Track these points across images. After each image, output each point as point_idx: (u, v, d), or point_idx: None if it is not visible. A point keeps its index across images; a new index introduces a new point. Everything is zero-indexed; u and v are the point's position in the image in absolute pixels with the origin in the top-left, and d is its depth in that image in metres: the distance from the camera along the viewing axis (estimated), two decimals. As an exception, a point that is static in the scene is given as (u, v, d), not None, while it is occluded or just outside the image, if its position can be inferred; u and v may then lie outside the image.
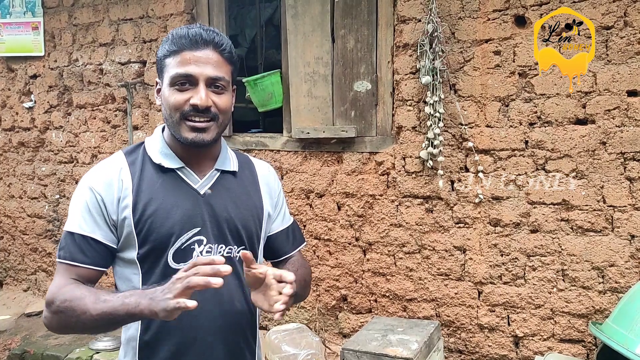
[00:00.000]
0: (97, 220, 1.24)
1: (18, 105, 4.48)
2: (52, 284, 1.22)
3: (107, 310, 1.10)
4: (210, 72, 1.23)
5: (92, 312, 1.11)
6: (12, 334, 3.96)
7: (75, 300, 1.14)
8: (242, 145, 3.61)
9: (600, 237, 2.65)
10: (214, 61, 1.24)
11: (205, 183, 1.32)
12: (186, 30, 1.24)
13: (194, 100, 1.22)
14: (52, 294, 1.20)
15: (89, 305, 1.12)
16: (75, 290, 1.16)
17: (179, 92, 1.23)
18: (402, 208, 3.10)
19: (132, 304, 1.07)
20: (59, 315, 1.17)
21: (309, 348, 3.02)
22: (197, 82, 1.23)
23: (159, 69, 1.29)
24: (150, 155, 1.30)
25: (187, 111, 1.23)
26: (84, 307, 1.12)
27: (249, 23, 5.15)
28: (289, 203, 3.46)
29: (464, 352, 3.03)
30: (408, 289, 3.13)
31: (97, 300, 1.12)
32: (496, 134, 2.83)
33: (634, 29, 2.51)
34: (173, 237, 1.25)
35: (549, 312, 2.78)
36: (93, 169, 1.31)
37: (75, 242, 1.24)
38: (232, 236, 1.33)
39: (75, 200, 1.28)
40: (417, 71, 2.96)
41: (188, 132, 1.24)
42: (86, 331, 1.25)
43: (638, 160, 2.55)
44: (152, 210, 1.24)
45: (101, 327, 1.17)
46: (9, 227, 4.69)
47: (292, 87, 3.41)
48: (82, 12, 4.08)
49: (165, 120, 1.29)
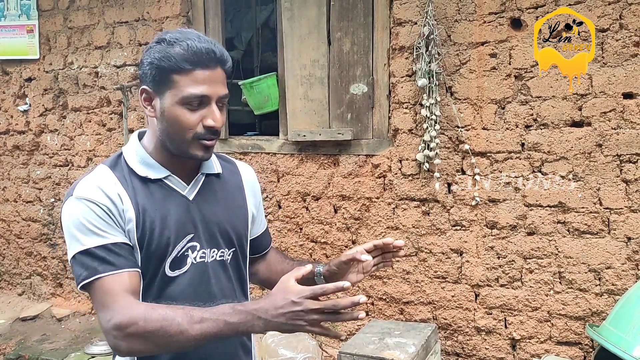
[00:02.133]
0: (114, 226, 1.18)
1: (13, 108, 4.45)
2: (113, 306, 1.12)
3: (210, 331, 1.08)
4: (220, 91, 1.21)
5: (192, 332, 1.08)
6: (6, 338, 3.94)
7: (164, 321, 1.08)
8: (238, 148, 3.60)
9: (596, 240, 2.65)
10: (222, 79, 1.22)
11: (192, 188, 1.30)
12: (198, 46, 1.18)
13: (209, 123, 1.19)
14: (125, 316, 1.10)
15: (185, 325, 1.08)
16: (157, 309, 1.11)
17: (190, 112, 1.20)
18: (398, 211, 3.10)
19: (242, 324, 1.07)
20: (144, 337, 1.10)
21: (306, 352, 3.01)
22: (209, 102, 1.20)
23: (156, 79, 1.20)
24: (133, 168, 1.26)
25: (202, 133, 1.20)
26: (179, 328, 1.08)
27: (245, 26, 5.15)
28: (285, 206, 3.45)
29: (461, 355, 3.02)
30: (405, 292, 3.12)
31: (192, 319, 1.08)
32: (492, 137, 2.83)
33: (629, 31, 2.51)
34: (170, 246, 1.23)
35: (546, 314, 2.78)
36: (81, 184, 1.21)
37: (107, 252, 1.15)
38: (223, 239, 1.32)
39: (75, 218, 1.17)
40: (414, 74, 2.96)
41: (199, 150, 1.22)
42: (176, 350, 1.18)
43: (634, 162, 2.55)
44: (150, 221, 1.22)
45: (197, 345, 1.13)
46: (4, 231, 4.66)
47: (288, 89, 3.40)
48: (78, 14, 4.07)
49: (165, 135, 1.24)
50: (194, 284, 1.26)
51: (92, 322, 4.06)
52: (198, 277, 1.27)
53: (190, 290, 1.26)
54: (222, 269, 1.32)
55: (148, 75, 1.22)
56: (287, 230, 3.44)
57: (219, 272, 1.31)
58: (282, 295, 1.06)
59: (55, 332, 3.96)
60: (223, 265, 1.32)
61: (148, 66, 1.21)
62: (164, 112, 1.22)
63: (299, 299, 1.04)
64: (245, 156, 3.53)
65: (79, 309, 4.26)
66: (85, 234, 1.16)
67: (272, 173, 3.45)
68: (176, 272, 1.24)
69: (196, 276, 1.26)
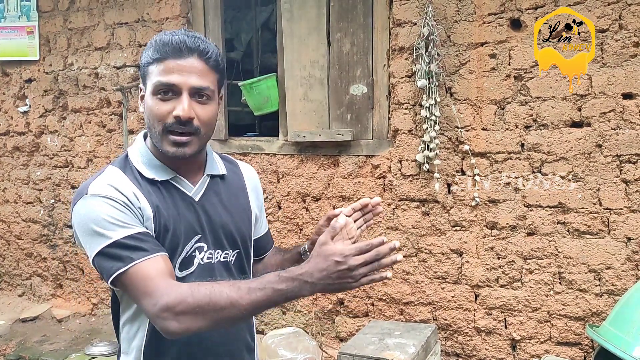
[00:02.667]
0: (134, 217, 1.17)
1: (13, 109, 4.46)
2: (157, 288, 1.10)
3: (261, 299, 1.07)
4: (194, 82, 1.20)
5: (242, 302, 1.07)
6: (6, 339, 3.94)
7: (213, 295, 1.08)
8: (238, 149, 3.60)
9: (596, 240, 2.65)
10: (198, 70, 1.21)
11: (198, 189, 1.31)
12: (170, 37, 1.20)
13: (176, 112, 1.18)
14: (170, 296, 1.08)
15: (234, 296, 1.07)
16: (200, 286, 1.10)
17: (162, 102, 1.20)
18: (398, 211, 3.10)
19: (290, 290, 1.07)
20: (194, 314, 1.08)
21: (306, 352, 3.01)
22: (180, 92, 1.19)
23: (142, 76, 1.25)
24: (140, 170, 1.26)
25: (170, 124, 1.19)
26: (229, 299, 1.07)
27: (244, 27, 5.16)
28: (285, 207, 3.45)
29: (461, 355, 3.02)
30: (405, 293, 3.13)
31: (240, 290, 1.08)
32: (492, 137, 2.83)
33: (628, 32, 2.52)
34: (180, 247, 1.24)
35: (545, 315, 2.78)
36: (95, 183, 1.21)
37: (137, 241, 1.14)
38: (228, 241, 1.33)
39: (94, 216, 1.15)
40: (413, 74, 2.96)
41: (169, 146, 1.21)
42: (227, 324, 1.17)
43: (634, 162, 2.56)
44: (164, 221, 1.23)
45: (248, 317, 1.16)
46: (4, 232, 4.67)
47: (288, 90, 3.41)
48: (77, 16, 4.07)
49: (148, 130, 1.26)
50: None
51: (92, 323, 4.07)
52: (205, 278, 1.26)
53: None
54: (226, 270, 1.33)
55: (140, 75, 1.28)
56: (287, 230, 3.44)
57: (224, 273, 1.32)
58: (323, 257, 1.07)
59: (56, 333, 3.96)
60: (227, 267, 1.33)
61: (140, 66, 1.27)
62: (145, 105, 1.24)
63: (342, 259, 1.05)
64: (245, 157, 3.53)
65: (79, 310, 4.26)
66: (109, 228, 1.14)
67: (272, 174, 3.46)
68: (184, 273, 1.25)
69: (203, 276, 1.26)
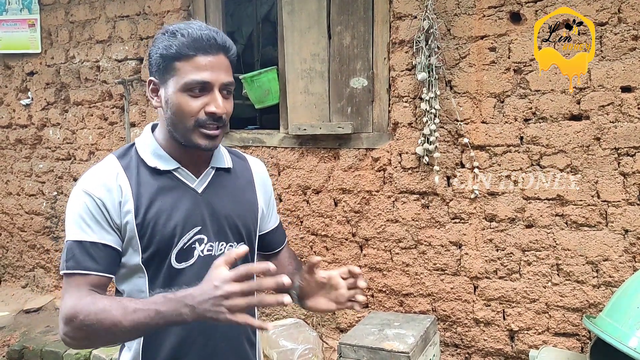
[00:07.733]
0: (103, 224, 1.21)
1: (15, 102, 4.48)
2: (68, 299, 1.16)
3: (142, 321, 1.07)
4: (223, 79, 1.22)
5: (125, 323, 1.07)
6: (11, 330, 3.98)
7: (101, 313, 1.10)
8: (239, 141, 3.62)
9: (594, 232, 2.67)
10: (225, 66, 1.23)
11: (201, 182, 1.32)
12: (199, 33, 1.20)
13: (211, 109, 1.20)
14: (71, 309, 1.13)
15: (119, 316, 1.08)
16: (97, 303, 1.12)
17: (192, 99, 1.20)
18: (398, 204, 3.12)
19: (171, 313, 1.05)
20: (84, 330, 1.12)
21: (307, 343, 3.04)
22: (211, 89, 1.21)
23: (161, 68, 1.23)
24: (144, 158, 1.28)
25: (204, 120, 1.21)
26: (113, 319, 1.08)
27: (245, 20, 5.16)
28: (286, 199, 3.48)
29: (459, 346, 3.05)
30: (404, 284, 3.15)
31: (126, 310, 1.08)
32: (491, 130, 2.85)
33: (627, 25, 2.52)
34: (175, 238, 1.25)
35: (543, 306, 2.81)
36: (86, 175, 1.26)
37: (84, 251, 1.19)
38: (232, 233, 1.33)
39: (73, 208, 1.22)
40: (413, 68, 2.97)
41: (202, 139, 1.23)
42: (115, 342, 1.20)
43: (632, 155, 2.57)
44: (154, 213, 1.23)
45: (133, 337, 1.15)
46: (7, 224, 4.70)
47: (289, 83, 3.42)
48: (79, 9, 4.08)
49: (170, 124, 1.25)
50: (201, 276, 1.25)
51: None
52: (205, 270, 1.26)
53: (197, 282, 1.27)
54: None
55: (154, 66, 1.25)
56: (287, 223, 3.47)
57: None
58: (207, 279, 1.04)
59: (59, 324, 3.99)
60: None
61: (153, 57, 1.24)
62: (168, 100, 1.23)
63: (219, 283, 1.01)
64: (246, 150, 3.55)
65: (82, 301, 4.29)
66: (81, 226, 1.20)
67: (272, 167, 3.48)
68: (183, 264, 1.26)
69: (203, 269, 1.25)
